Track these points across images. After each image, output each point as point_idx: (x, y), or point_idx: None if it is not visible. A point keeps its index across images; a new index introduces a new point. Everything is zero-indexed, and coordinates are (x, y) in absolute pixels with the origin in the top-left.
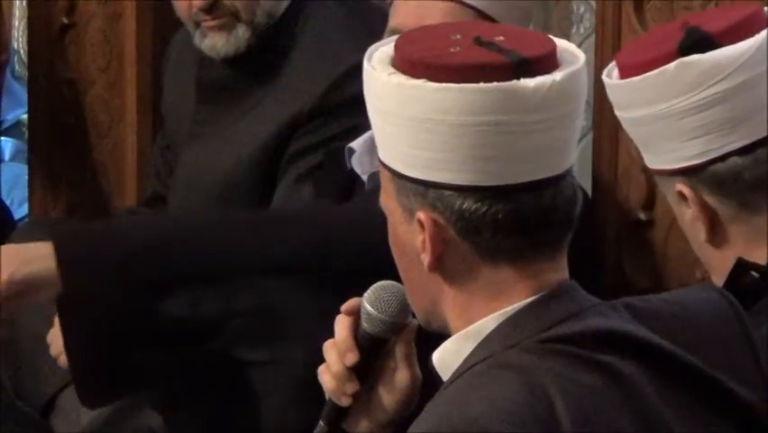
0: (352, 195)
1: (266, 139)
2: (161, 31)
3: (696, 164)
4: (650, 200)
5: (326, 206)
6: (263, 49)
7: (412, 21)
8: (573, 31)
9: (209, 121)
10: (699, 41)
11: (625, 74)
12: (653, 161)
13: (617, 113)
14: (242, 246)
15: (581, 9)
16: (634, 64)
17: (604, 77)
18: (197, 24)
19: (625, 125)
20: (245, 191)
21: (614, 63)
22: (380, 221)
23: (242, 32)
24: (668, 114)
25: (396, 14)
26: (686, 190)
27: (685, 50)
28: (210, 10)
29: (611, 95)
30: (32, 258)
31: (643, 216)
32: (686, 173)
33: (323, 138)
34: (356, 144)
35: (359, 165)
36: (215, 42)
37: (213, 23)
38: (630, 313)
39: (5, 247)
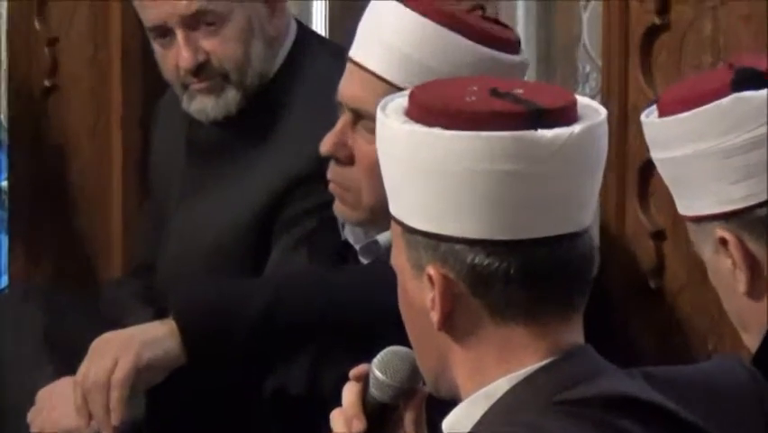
0: (345, 264)
1: (259, 204)
2: (151, 91)
3: (741, 208)
4: (659, 267)
5: (337, 269)
6: (255, 109)
7: (346, 91)
8: (579, 90)
9: (200, 184)
10: (752, 78)
11: (671, 110)
12: (691, 207)
13: (655, 155)
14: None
15: (587, 68)
16: (683, 99)
17: (643, 117)
18: (185, 87)
19: (662, 169)
20: (238, 258)
21: (653, 106)
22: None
23: (231, 95)
24: (716, 151)
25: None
26: (728, 236)
27: (738, 85)
28: (198, 72)
29: (651, 134)
30: (153, 339)
31: (652, 283)
32: (728, 218)
33: (317, 203)
34: None
35: (351, 235)
36: (204, 106)
37: (201, 85)
38: (646, 379)
39: (121, 332)
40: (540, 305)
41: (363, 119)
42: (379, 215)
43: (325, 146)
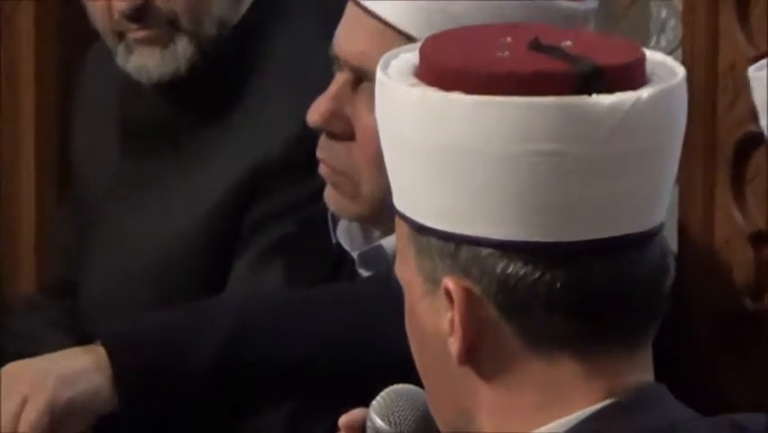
0: (337, 279)
1: (217, 202)
2: (70, 49)
3: None
4: (761, 282)
5: (323, 288)
6: (212, 72)
7: (347, 44)
8: (652, 44)
9: (138, 176)
10: None
11: None
12: None
13: (764, 121)
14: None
15: (663, 14)
16: None
17: (751, 72)
18: (120, 36)
19: None
20: (190, 274)
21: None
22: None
23: (182, 47)
24: None
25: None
26: None
27: None
28: (138, 17)
29: (762, 95)
30: (75, 373)
31: (749, 304)
32: None
33: (295, 199)
34: None
35: (346, 239)
36: (146, 61)
37: (142, 33)
38: (737, 432)
39: (31, 363)
40: (595, 332)
41: (367, 81)
42: (385, 209)
43: (315, 114)
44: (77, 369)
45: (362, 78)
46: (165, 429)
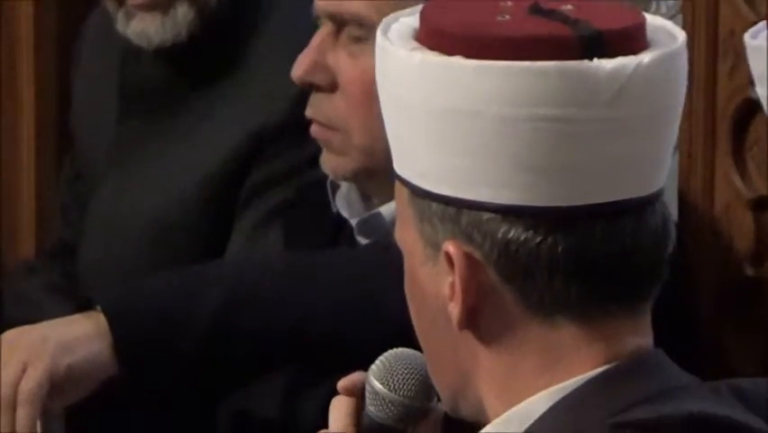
0: (336, 247)
1: (216, 165)
2: (70, 16)
3: None
4: (761, 248)
5: (321, 254)
6: (212, 38)
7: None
8: (653, 9)
9: (137, 140)
10: None
11: None
12: None
13: (762, 91)
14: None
15: None
16: None
17: (747, 38)
18: (120, 2)
19: None
20: (188, 238)
21: (764, 23)
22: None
23: (182, 13)
24: None
25: None
26: None
27: None
28: None
29: (758, 63)
30: (75, 339)
31: (750, 270)
32: None
33: (294, 164)
34: None
35: (345, 206)
36: (146, 26)
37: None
38: (737, 396)
39: (31, 329)
40: (596, 296)
41: (347, 25)
42: (378, 163)
43: (299, 69)
44: (77, 335)
45: (342, 26)
46: (164, 395)
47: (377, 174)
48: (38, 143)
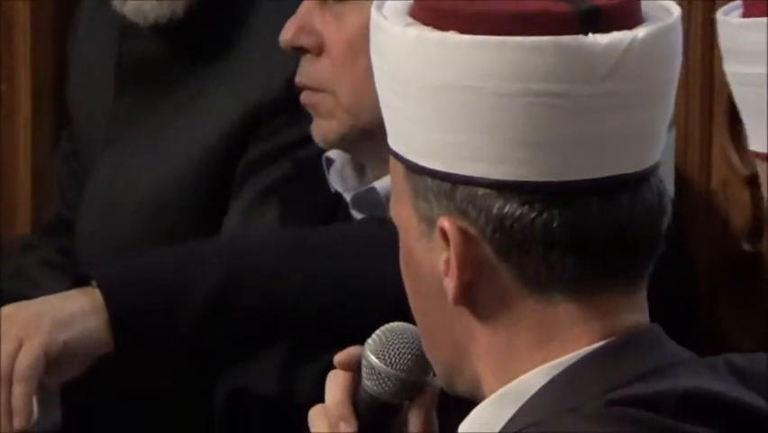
0: (334, 222)
1: (212, 142)
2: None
3: None
4: (757, 225)
5: (316, 230)
6: (208, 14)
7: None
8: None
9: (133, 117)
10: None
11: (759, 10)
12: (763, 141)
13: (732, 68)
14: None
15: None
16: None
17: (719, 15)
18: None
19: (737, 88)
20: (184, 215)
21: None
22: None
23: None
24: None
25: None
26: None
27: None
28: None
29: (730, 41)
30: (70, 315)
31: (747, 246)
32: None
33: (290, 141)
34: (336, 152)
35: (340, 180)
36: (142, 3)
37: None
38: (734, 372)
39: (27, 305)
40: (592, 272)
41: None
42: (366, 123)
43: (287, 33)
44: (73, 311)
45: None
46: (160, 372)
47: (366, 137)
48: (34, 120)
